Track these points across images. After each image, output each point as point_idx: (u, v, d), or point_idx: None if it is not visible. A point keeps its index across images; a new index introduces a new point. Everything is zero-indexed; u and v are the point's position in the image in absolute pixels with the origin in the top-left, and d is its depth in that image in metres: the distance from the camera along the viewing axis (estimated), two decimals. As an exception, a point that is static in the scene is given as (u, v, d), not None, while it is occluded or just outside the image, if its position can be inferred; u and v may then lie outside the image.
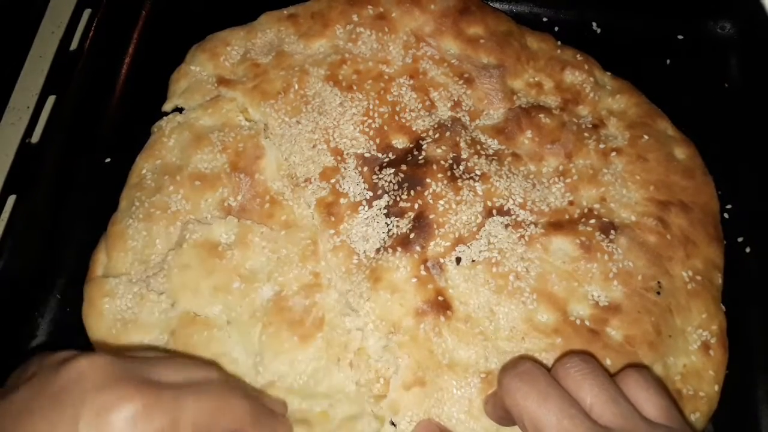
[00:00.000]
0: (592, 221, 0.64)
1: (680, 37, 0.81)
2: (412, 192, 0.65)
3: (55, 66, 0.73)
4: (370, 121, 0.69)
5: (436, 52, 0.73)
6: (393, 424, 0.57)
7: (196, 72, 0.74)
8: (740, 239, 0.70)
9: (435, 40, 0.74)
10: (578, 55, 0.75)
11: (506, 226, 0.63)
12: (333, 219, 0.64)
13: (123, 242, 0.64)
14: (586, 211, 0.65)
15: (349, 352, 0.59)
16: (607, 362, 0.58)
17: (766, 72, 0.76)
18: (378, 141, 0.68)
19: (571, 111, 0.72)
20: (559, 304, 0.60)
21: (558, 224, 0.64)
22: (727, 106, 0.76)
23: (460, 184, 0.65)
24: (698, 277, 0.63)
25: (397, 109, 0.70)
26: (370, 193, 0.66)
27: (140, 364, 0.44)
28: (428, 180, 0.65)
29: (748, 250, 0.69)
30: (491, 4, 0.80)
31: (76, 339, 0.62)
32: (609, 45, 0.80)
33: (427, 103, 0.71)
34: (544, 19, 0.82)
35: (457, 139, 0.67)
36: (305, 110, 0.70)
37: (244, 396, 0.48)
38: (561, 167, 0.68)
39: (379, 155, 0.68)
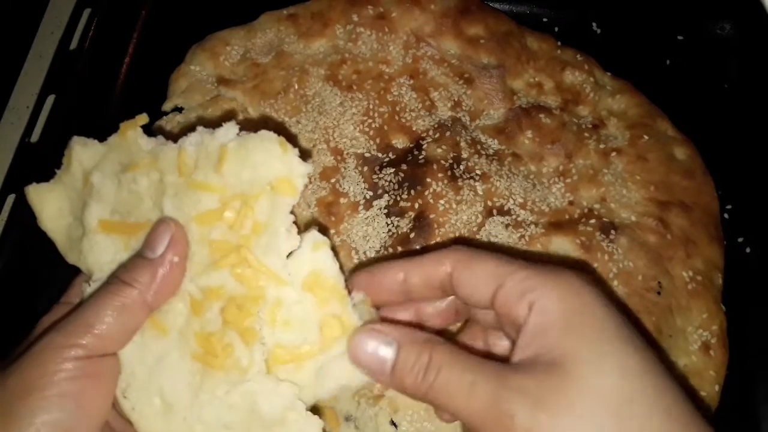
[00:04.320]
0: (593, 221, 0.64)
1: (680, 37, 0.81)
2: (412, 192, 0.64)
3: (55, 65, 0.73)
4: (370, 120, 0.69)
5: (436, 52, 0.73)
6: (394, 424, 0.57)
7: (196, 72, 0.74)
8: (740, 239, 0.70)
9: (435, 40, 0.74)
10: (578, 56, 0.75)
11: (506, 225, 0.63)
12: (333, 219, 0.64)
13: None
14: (586, 211, 0.65)
15: None
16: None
17: (766, 72, 0.76)
18: (378, 141, 0.68)
19: (571, 111, 0.72)
20: (560, 304, 0.60)
21: (558, 224, 0.64)
22: (727, 107, 0.76)
23: (460, 183, 0.65)
24: (699, 278, 0.63)
25: (397, 108, 0.70)
26: (371, 193, 0.65)
27: None
28: (428, 180, 0.65)
29: (748, 250, 0.69)
30: (491, 5, 0.80)
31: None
32: (609, 45, 0.80)
33: (427, 103, 0.70)
34: (545, 20, 0.82)
35: (458, 138, 0.67)
36: (305, 110, 0.70)
37: None
38: (561, 167, 0.68)
39: (379, 155, 0.68)
